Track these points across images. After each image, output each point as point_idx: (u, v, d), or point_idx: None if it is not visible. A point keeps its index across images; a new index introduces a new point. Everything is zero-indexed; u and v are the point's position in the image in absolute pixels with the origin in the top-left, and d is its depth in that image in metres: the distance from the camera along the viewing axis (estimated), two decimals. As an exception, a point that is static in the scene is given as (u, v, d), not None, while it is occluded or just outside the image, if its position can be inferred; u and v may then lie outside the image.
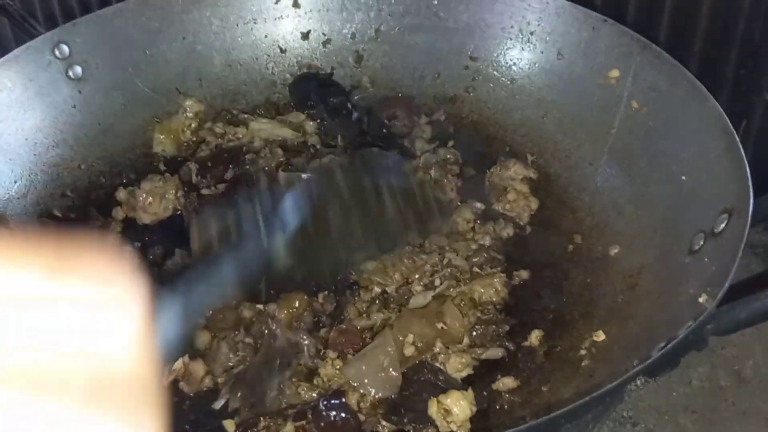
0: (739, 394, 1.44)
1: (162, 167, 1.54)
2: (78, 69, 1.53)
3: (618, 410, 1.39)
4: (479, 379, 1.18)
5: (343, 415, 1.12)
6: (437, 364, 1.18)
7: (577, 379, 1.15)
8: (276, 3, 1.65)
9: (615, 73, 1.42)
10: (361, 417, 1.13)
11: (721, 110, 1.25)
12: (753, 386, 1.44)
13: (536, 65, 1.54)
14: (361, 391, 1.15)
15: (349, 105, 1.58)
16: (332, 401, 1.12)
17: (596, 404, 1.02)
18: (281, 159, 1.46)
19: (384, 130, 1.54)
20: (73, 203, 1.48)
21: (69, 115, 1.52)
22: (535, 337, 1.24)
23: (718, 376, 1.46)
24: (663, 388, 1.44)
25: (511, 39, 1.56)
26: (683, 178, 1.27)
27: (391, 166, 1.32)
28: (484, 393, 1.16)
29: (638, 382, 1.42)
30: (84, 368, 0.44)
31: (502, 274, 1.30)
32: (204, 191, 1.44)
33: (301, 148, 1.51)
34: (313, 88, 1.61)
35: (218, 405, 1.16)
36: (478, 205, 1.41)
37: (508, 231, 1.38)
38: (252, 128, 1.55)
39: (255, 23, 1.65)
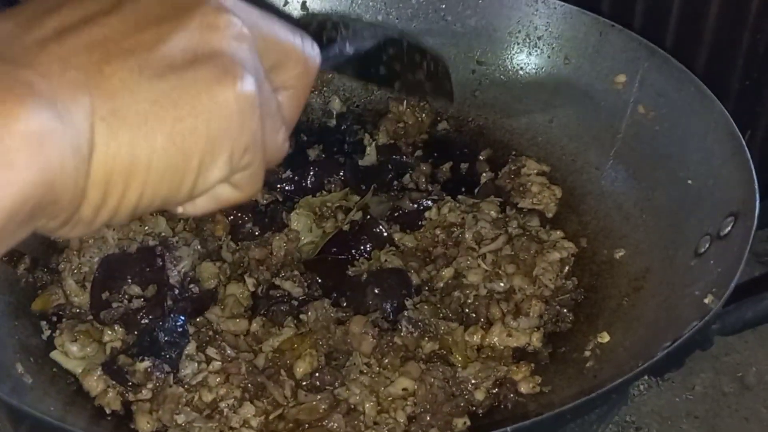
0: (742, 400, 1.44)
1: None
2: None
3: (621, 414, 1.40)
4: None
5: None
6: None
7: (581, 380, 1.15)
8: (284, 5, 1.66)
9: (622, 78, 1.43)
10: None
11: (728, 115, 1.26)
12: (756, 393, 1.45)
13: (543, 70, 1.54)
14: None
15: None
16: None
17: (602, 402, 1.03)
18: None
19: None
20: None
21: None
22: (536, 338, 1.24)
23: (722, 382, 1.47)
24: (666, 393, 1.45)
25: (518, 43, 1.56)
26: (689, 182, 1.27)
27: None
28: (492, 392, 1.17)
29: (642, 387, 1.44)
30: None
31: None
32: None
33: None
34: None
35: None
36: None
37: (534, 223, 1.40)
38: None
39: (263, 25, 1.66)
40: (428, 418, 1.14)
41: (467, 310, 1.28)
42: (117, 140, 0.50)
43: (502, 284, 1.29)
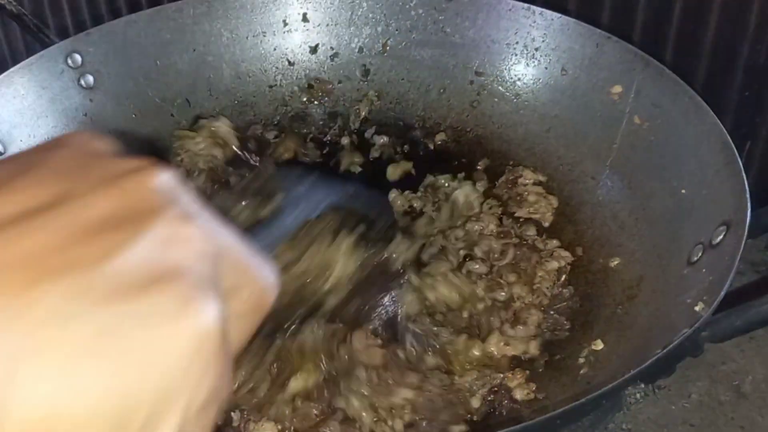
0: (738, 408, 1.44)
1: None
2: (90, 78, 1.56)
3: (617, 422, 1.40)
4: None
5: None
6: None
7: (575, 387, 1.16)
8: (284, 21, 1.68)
9: (618, 88, 1.44)
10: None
11: (722, 126, 1.27)
12: (752, 401, 1.45)
13: (540, 80, 1.56)
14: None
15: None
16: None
17: (593, 408, 1.04)
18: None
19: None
20: (82, 210, 1.50)
21: (80, 123, 1.55)
22: (533, 347, 1.26)
23: (718, 390, 1.47)
24: (662, 401, 1.45)
25: (516, 55, 1.58)
26: (683, 191, 1.28)
27: None
28: (488, 399, 1.18)
29: (638, 395, 1.44)
30: None
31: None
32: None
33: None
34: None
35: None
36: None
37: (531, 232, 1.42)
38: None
39: (264, 36, 1.68)
40: (425, 426, 1.15)
41: (468, 322, 1.29)
42: (39, 388, 0.38)
43: (503, 293, 1.31)
